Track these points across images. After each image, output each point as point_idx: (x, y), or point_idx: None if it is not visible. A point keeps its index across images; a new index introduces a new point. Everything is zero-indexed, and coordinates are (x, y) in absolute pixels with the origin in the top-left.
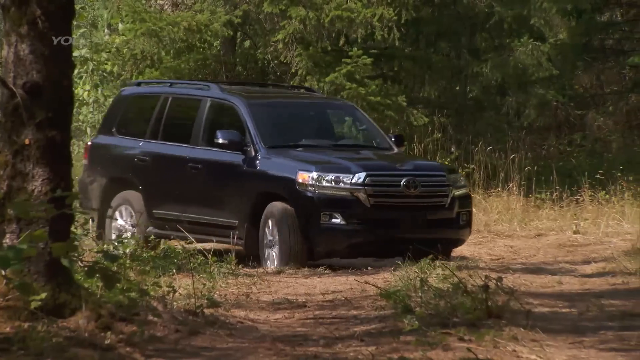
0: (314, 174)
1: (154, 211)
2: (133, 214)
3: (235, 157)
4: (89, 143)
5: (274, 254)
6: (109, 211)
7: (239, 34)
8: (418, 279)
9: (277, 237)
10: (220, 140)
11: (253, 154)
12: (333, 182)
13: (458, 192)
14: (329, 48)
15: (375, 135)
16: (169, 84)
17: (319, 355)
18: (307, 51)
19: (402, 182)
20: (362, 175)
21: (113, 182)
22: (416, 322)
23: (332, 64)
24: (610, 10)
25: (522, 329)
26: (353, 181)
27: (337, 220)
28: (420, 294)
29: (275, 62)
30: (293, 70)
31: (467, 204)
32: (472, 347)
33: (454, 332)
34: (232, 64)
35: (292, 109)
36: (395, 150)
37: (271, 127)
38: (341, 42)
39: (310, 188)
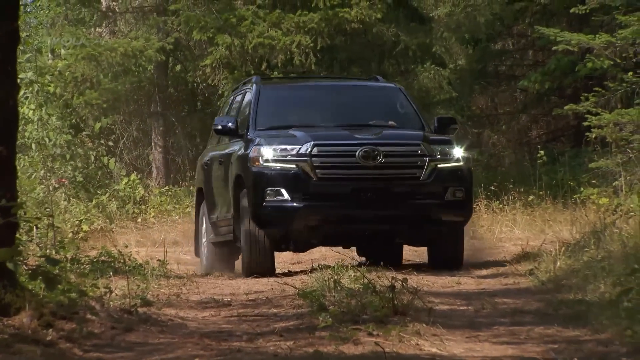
0: (261, 148)
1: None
2: None
3: (236, 146)
4: None
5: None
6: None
7: (170, 59)
8: (332, 280)
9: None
10: (217, 127)
11: (246, 138)
12: (280, 155)
13: (445, 165)
14: (252, 72)
15: (411, 117)
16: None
17: (242, 350)
18: (233, 75)
19: (357, 152)
20: (309, 145)
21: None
22: (330, 319)
23: None
24: (503, 40)
25: (424, 325)
26: (300, 152)
27: (282, 197)
28: (333, 294)
29: (204, 84)
30: (220, 92)
31: (462, 179)
32: (380, 342)
33: (364, 328)
34: (165, 86)
35: (316, 92)
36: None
37: (276, 110)
38: (263, 67)
39: (256, 163)
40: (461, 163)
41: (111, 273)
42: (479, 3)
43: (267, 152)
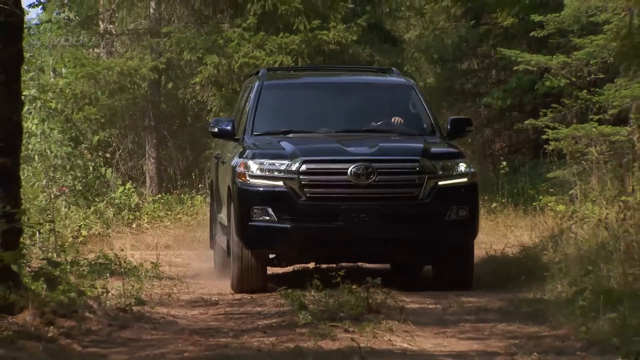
0: (249, 162)
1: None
2: None
3: (234, 149)
4: None
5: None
6: None
7: (163, 77)
8: (312, 280)
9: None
10: (213, 129)
11: (242, 144)
12: (267, 171)
13: (447, 182)
14: (239, 89)
15: (423, 119)
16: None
17: (228, 345)
18: (220, 92)
19: (349, 170)
20: (298, 161)
21: None
22: (309, 316)
23: None
24: (469, 60)
25: (396, 322)
26: (288, 169)
27: (268, 217)
28: (313, 294)
29: (194, 100)
30: (208, 108)
31: (465, 197)
32: (356, 337)
33: (341, 325)
34: (158, 102)
35: (321, 92)
36: (437, 139)
37: (276, 113)
38: None
39: (243, 178)
40: (465, 179)
41: (108, 274)
42: (447, 26)
43: (255, 167)
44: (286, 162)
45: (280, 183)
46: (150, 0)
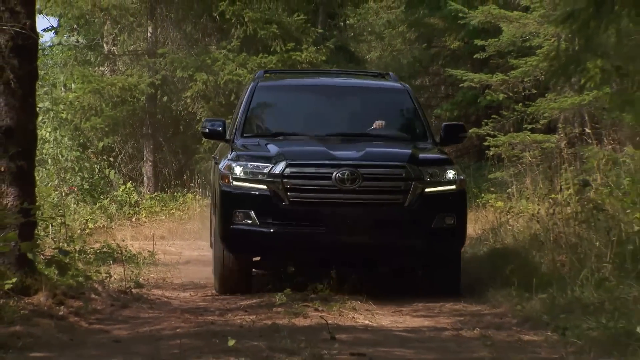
0: (232, 164)
1: None
2: None
3: (225, 150)
4: None
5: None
6: None
7: (159, 91)
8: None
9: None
10: (204, 130)
11: (232, 145)
12: (251, 174)
13: (435, 189)
14: (224, 102)
15: (416, 125)
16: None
17: (214, 322)
18: (208, 104)
19: (334, 175)
20: (282, 164)
21: None
22: (285, 298)
23: (225, 113)
24: (421, 77)
25: (359, 302)
26: (271, 172)
27: (250, 220)
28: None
29: (185, 112)
30: (198, 118)
31: (453, 204)
32: (324, 315)
33: (311, 305)
34: (154, 113)
35: (315, 95)
36: (429, 144)
37: (268, 115)
38: (232, 97)
39: (226, 181)
40: (453, 186)
41: (111, 261)
42: (403, 48)
43: (238, 170)
44: (270, 165)
45: (264, 186)
46: (147, 25)
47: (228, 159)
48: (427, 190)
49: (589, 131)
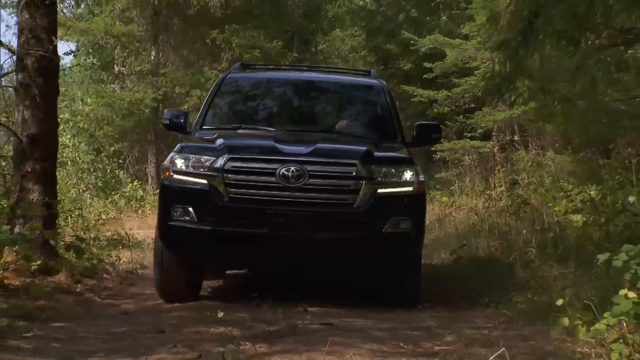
0: (175, 157)
1: None
2: None
3: None
4: None
5: None
6: None
7: (160, 105)
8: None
9: None
10: (165, 121)
11: (189, 137)
12: (192, 168)
13: (388, 190)
14: None
15: (386, 123)
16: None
17: (207, 297)
18: None
19: (278, 171)
20: (223, 158)
21: None
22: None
23: None
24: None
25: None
26: (213, 166)
27: (188, 217)
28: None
29: None
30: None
31: (408, 207)
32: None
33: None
34: (157, 123)
35: (286, 88)
36: (396, 144)
37: (233, 107)
38: None
39: (167, 174)
40: (410, 188)
41: (120, 247)
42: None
43: (180, 163)
44: (212, 158)
45: (204, 181)
46: (151, 50)
47: (173, 151)
48: (380, 191)
49: (518, 139)
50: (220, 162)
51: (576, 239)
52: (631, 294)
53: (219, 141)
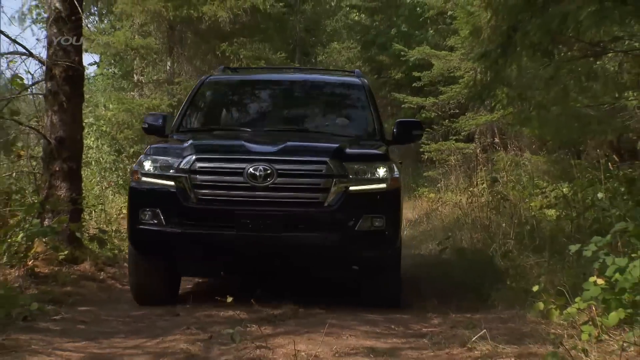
0: (143, 159)
1: None
2: None
3: None
4: None
5: None
6: None
7: (175, 110)
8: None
9: None
10: (144, 125)
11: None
12: (160, 169)
13: (360, 187)
14: None
15: (365, 121)
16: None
17: (218, 285)
18: None
19: (246, 170)
20: (191, 158)
21: None
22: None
23: None
24: None
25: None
26: (180, 166)
27: (157, 220)
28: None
29: None
30: None
31: (381, 205)
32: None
33: None
34: None
35: (266, 89)
36: (375, 142)
37: (212, 109)
38: None
39: (136, 177)
40: (383, 185)
41: None
42: None
43: (148, 165)
44: (179, 159)
45: (172, 183)
46: (167, 60)
47: (142, 154)
48: (352, 188)
49: (498, 141)
50: (187, 162)
51: (550, 231)
52: (599, 281)
53: (188, 142)
